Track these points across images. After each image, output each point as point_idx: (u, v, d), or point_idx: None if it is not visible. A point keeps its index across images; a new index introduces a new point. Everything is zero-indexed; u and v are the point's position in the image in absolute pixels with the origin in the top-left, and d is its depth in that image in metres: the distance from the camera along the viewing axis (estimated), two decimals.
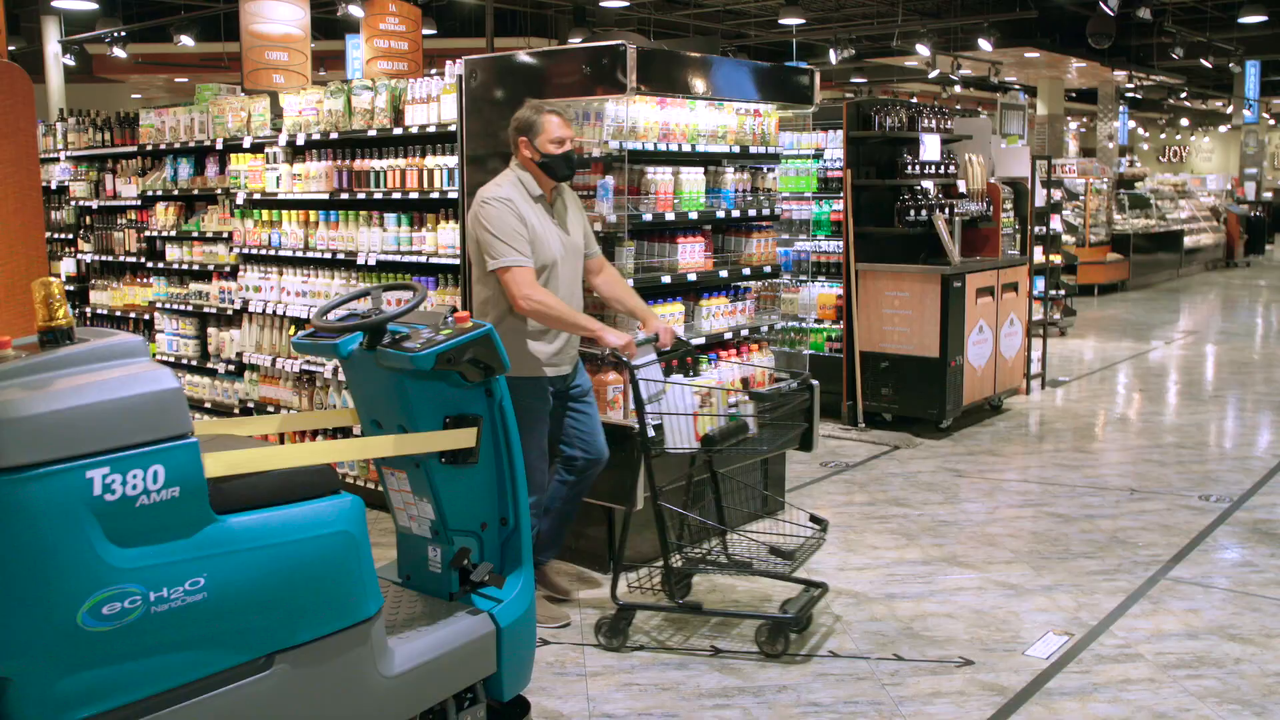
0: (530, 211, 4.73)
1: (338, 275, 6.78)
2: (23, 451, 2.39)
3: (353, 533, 3.00)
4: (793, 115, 6.88)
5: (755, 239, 6.30)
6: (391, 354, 3.37)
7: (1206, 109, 37.95)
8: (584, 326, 4.70)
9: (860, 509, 6.82)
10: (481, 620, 3.54)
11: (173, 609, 2.61)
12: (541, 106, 4.82)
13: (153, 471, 2.56)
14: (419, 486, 3.65)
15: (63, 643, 2.46)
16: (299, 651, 2.91)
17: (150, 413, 2.58)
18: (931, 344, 8.51)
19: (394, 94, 6.42)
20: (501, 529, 3.74)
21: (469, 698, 3.57)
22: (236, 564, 2.73)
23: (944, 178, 9.22)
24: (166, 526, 2.60)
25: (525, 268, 4.62)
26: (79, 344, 2.70)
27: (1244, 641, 4.84)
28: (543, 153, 4.76)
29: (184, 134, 8.08)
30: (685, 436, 4.89)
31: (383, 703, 3.19)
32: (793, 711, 4.23)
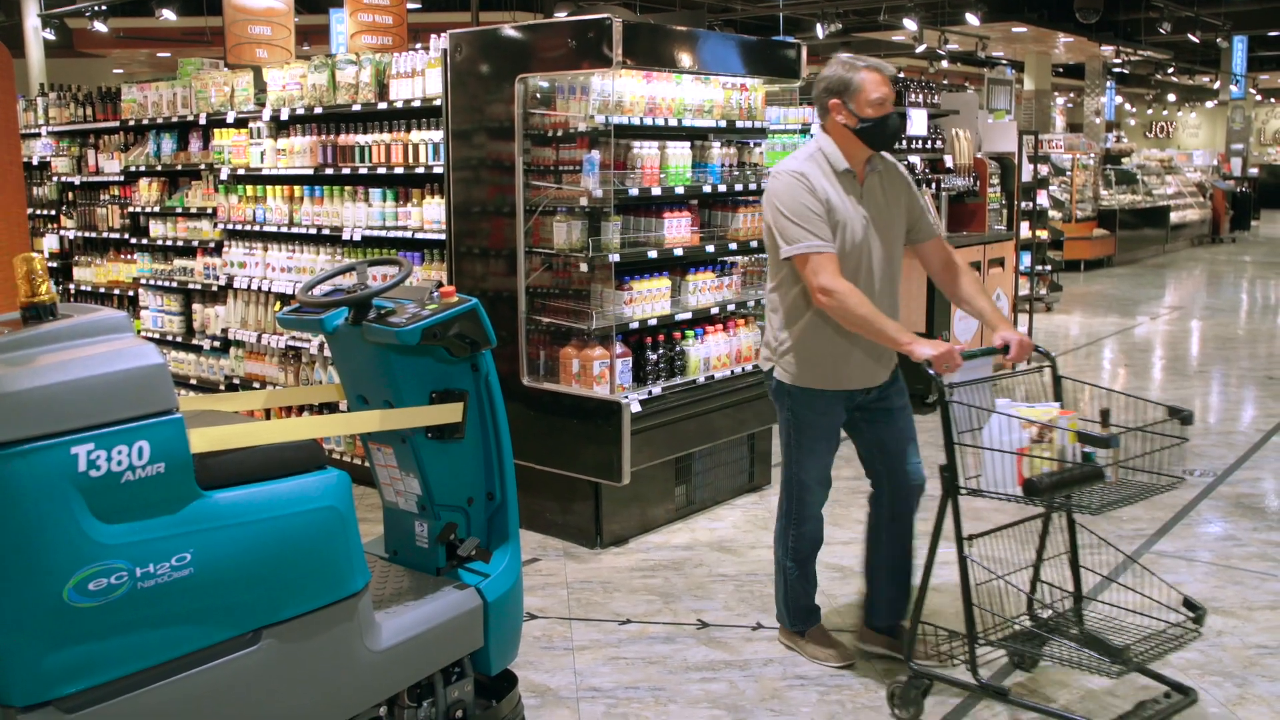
0: (831, 188, 4.00)
1: (323, 251, 6.76)
2: (6, 428, 2.38)
3: (339, 508, 3.00)
4: (779, 90, 6.86)
5: (742, 214, 6.29)
6: (377, 329, 3.36)
7: (1194, 84, 37.97)
8: (888, 334, 3.87)
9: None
10: (468, 595, 3.54)
11: (159, 584, 2.61)
12: (855, 62, 4.06)
13: (137, 447, 2.55)
14: (405, 462, 3.64)
15: (49, 618, 2.46)
16: (286, 626, 2.91)
17: (134, 388, 2.57)
18: (917, 319, 8.52)
19: (378, 68, 6.38)
20: (488, 504, 3.74)
21: (456, 672, 3.57)
22: (223, 539, 2.73)
23: (930, 153, 9.21)
24: (152, 502, 2.59)
25: (825, 254, 3.90)
26: (62, 320, 2.68)
27: (1226, 614, 4.87)
28: (860, 116, 4.01)
29: (167, 109, 8.02)
30: (1004, 478, 3.91)
31: (370, 677, 3.20)
32: (779, 685, 4.25)
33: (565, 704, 4.12)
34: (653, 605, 4.99)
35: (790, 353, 4.18)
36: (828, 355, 4.12)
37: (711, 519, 6.15)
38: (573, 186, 5.54)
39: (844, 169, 4.04)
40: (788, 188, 3.97)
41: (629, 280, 5.64)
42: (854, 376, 4.17)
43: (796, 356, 4.16)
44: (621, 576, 5.33)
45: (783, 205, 3.97)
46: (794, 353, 4.17)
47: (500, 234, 5.77)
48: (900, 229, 4.22)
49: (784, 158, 4.20)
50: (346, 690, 3.13)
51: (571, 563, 5.52)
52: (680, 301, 5.99)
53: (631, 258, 5.61)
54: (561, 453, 5.65)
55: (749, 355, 6.30)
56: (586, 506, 5.70)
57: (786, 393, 4.23)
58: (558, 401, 5.63)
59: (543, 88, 5.69)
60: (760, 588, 5.18)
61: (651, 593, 5.13)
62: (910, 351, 3.82)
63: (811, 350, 4.14)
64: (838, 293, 3.85)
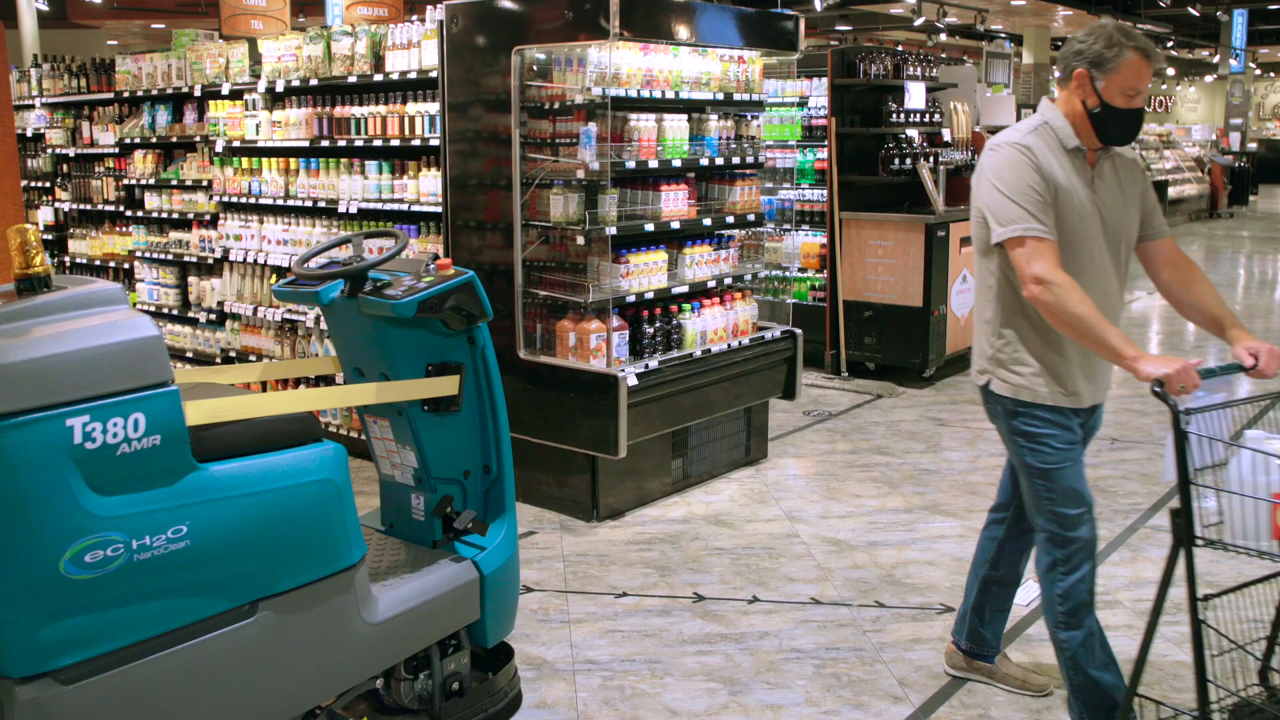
0: (1058, 167, 3.42)
1: (319, 223, 6.73)
2: (2, 399, 2.37)
3: (335, 480, 2.99)
4: (777, 62, 6.84)
5: (739, 187, 6.27)
6: (373, 301, 3.34)
7: (1193, 58, 37.83)
8: (1110, 343, 3.25)
9: (843, 457, 6.85)
10: (465, 568, 3.54)
11: (155, 557, 2.61)
12: (1124, 37, 3.39)
13: (133, 419, 2.54)
14: (402, 434, 3.64)
15: (46, 590, 2.46)
16: (282, 599, 2.91)
17: (130, 361, 2.55)
18: (915, 293, 8.51)
19: (374, 40, 6.34)
20: (484, 477, 3.74)
21: (453, 644, 3.58)
22: (219, 512, 2.72)
23: (929, 126, 9.18)
24: (148, 475, 2.59)
25: (1045, 240, 3.32)
26: (57, 292, 2.67)
27: (1221, 588, 4.88)
28: (1104, 100, 3.40)
29: (161, 81, 7.97)
30: (1255, 529, 3.27)
31: (367, 649, 3.20)
32: (775, 658, 4.26)
33: (561, 677, 4.14)
34: (649, 578, 5.00)
35: (1012, 361, 3.54)
36: (1059, 363, 3.50)
37: (708, 493, 6.16)
38: (569, 159, 5.51)
39: (1074, 146, 3.46)
40: (1010, 162, 3.40)
41: (626, 253, 5.62)
42: (1085, 389, 3.53)
43: (1020, 364, 3.52)
44: (618, 550, 5.34)
45: (1002, 181, 3.39)
46: (1017, 360, 3.53)
47: (496, 207, 5.75)
48: (1134, 224, 3.60)
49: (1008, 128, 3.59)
50: (343, 662, 3.13)
51: (568, 536, 5.53)
52: (677, 275, 5.97)
53: (628, 231, 5.60)
54: (558, 426, 5.65)
55: (745, 329, 6.30)
56: (583, 480, 5.71)
57: (1010, 411, 3.57)
58: (554, 375, 5.63)
59: (539, 60, 5.66)
60: (756, 561, 5.19)
61: (648, 566, 5.14)
62: (1135, 369, 3.20)
63: (1039, 357, 3.51)
64: (1055, 284, 3.25)
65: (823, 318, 8.97)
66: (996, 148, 3.47)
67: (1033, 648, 4.34)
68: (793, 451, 6.96)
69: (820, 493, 6.16)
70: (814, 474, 6.52)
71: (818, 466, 6.66)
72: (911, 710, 3.89)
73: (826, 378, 8.93)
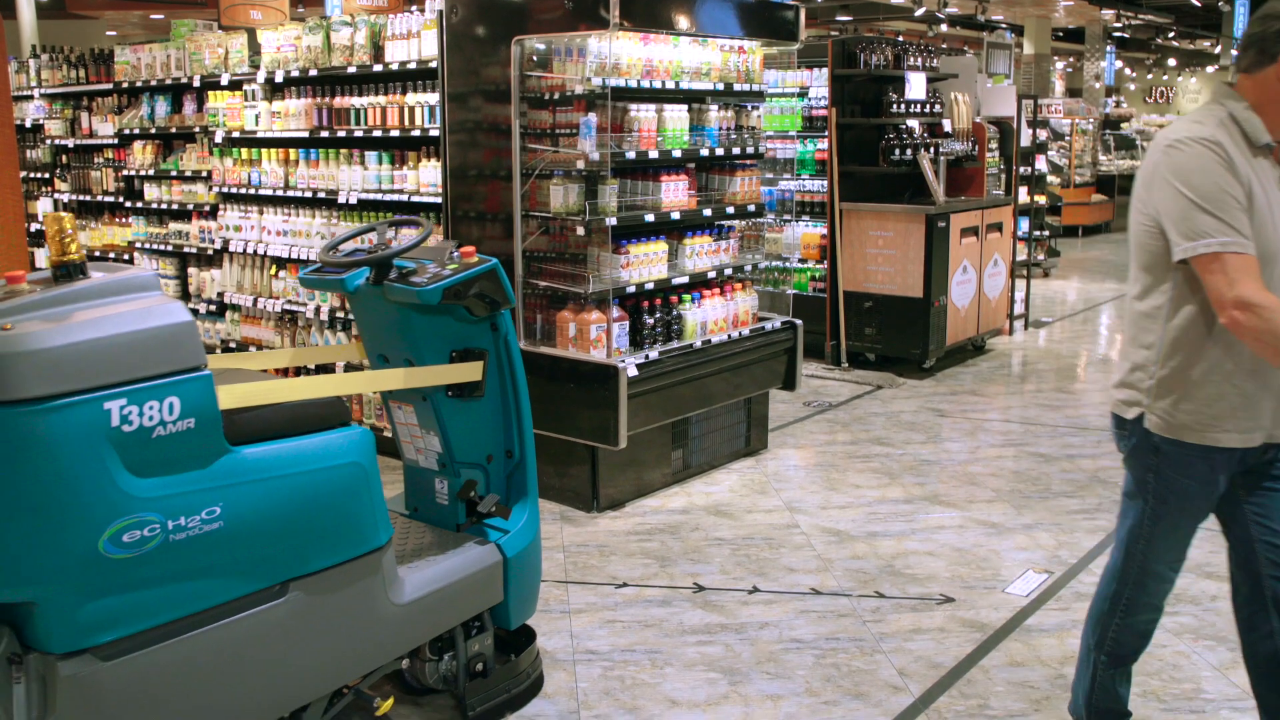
0: (1247, 168, 2.89)
1: (318, 214, 6.72)
2: (42, 383, 2.42)
3: (363, 463, 3.05)
4: (777, 52, 6.83)
5: (739, 177, 6.26)
6: (398, 288, 3.40)
7: (1194, 49, 37.74)
8: None
9: (843, 448, 6.85)
10: (489, 550, 3.62)
11: (190, 537, 2.67)
12: None
13: (168, 403, 2.60)
14: (426, 419, 3.71)
15: (86, 569, 2.52)
16: (312, 579, 2.98)
17: (165, 345, 2.61)
18: (915, 284, 8.51)
19: (374, 30, 6.32)
20: (507, 461, 3.81)
21: (477, 626, 3.66)
22: (251, 494, 2.78)
23: (929, 117, 9.16)
24: (183, 457, 2.65)
25: (1246, 255, 2.81)
26: (92, 278, 2.72)
27: (1220, 579, 4.89)
28: None
29: (160, 71, 7.96)
30: None
31: (393, 630, 3.26)
32: (775, 648, 4.27)
33: (562, 666, 4.14)
34: (649, 569, 5.01)
35: (1174, 394, 3.03)
36: (1231, 399, 2.99)
37: (708, 483, 6.16)
38: (569, 149, 5.50)
39: (1263, 143, 2.94)
40: (1199, 161, 2.87)
41: (626, 244, 5.62)
42: (1259, 427, 3.02)
43: (1184, 399, 3.02)
44: (618, 540, 5.35)
45: (1189, 185, 2.87)
46: (1180, 394, 3.03)
47: (497, 197, 5.74)
48: None
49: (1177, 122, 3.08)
50: (370, 642, 3.21)
51: (568, 526, 5.53)
52: (677, 265, 5.97)
53: (628, 221, 5.59)
54: (558, 417, 5.65)
55: (746, 319, 6.29)
56: (583, 470, 5.71)
57: (1154, 449, 3.10)
58: (554, 365, 5.63)
59: (539, 50, 5.64)
60: (756, 551, 5.20)
61: (648, 556, 5.15)
62: None
63: (1209, 392, 3.00)
64: (1263, 308, 2.75)
65: (823, 308, 8.96)
66: (1180, 144, 2.92)
67: (1032, 638, 4.34)
68: (793, 442, 6.96)
69: (820, 483, 6.17)
70: (814, 464, 6.52)
71: (818, 457, 6.66)
72: (911, 700, 3.90)
73: (826, 368, 8.92)
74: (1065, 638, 4.34)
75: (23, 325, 2.47)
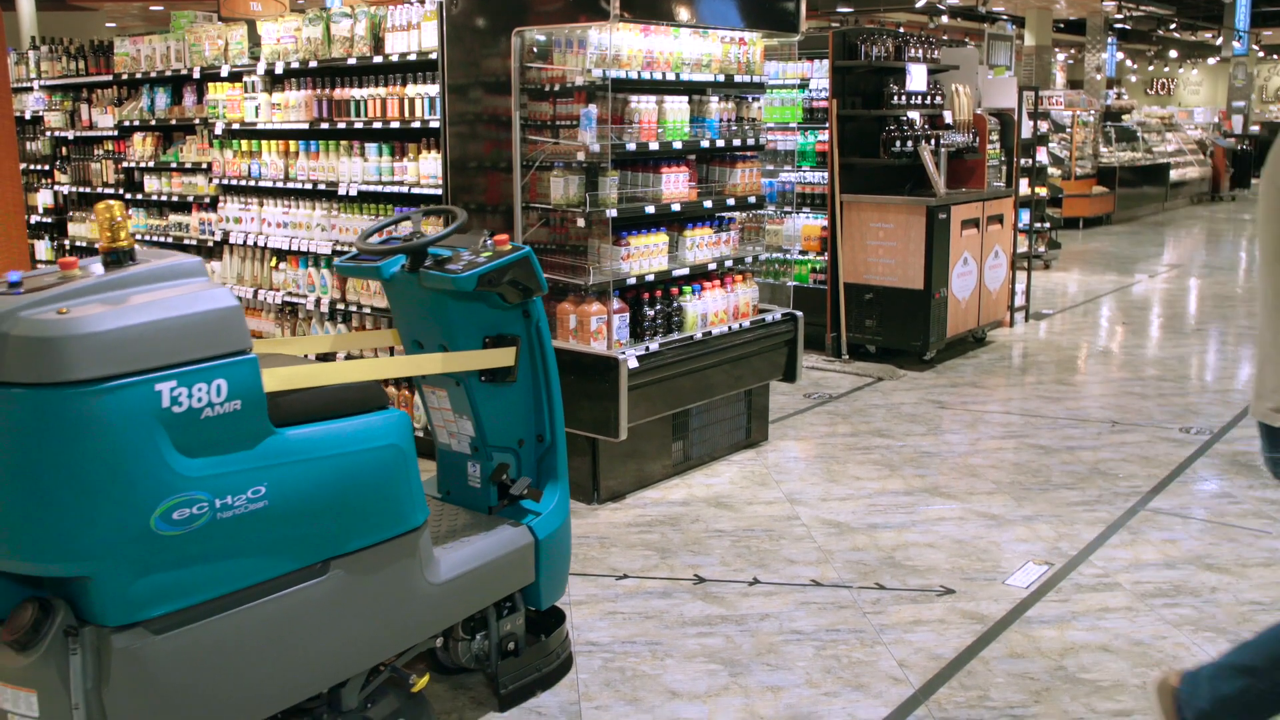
0: None
1: (319, 206, 6.72)
2: (97, 365, 2.50)
3: (401, 446, 3.13)
4: (778, 44, 6.80)
5: (740, 169, 6.25)
6: (434, 276, 3.48)
7: (1195, 40, 37.68)
8: None
9: (843, 440, 6.85)
10: (521, 532, 3.69)
11: (236, 516, 2.75)
12: None
13: (216, 385, 2.68)
14: (459, 404, 3.79)
15: (138, 545, 2.60)
16: (352, 558, 3.06)
17: (213, 329, 2.69)
18: (916, 276, 8.50)
19: (374, 21, 6.31)
20: (538, 446, 3.89)
21: (508, 606, 3.75)
22: (294, 474, 2.86)
23: (930, 108, 9.15)
24: (229, 438, 2.73)
25: None
26: (141, 264, 2.79)
27: (1220, 571, 4.90)
28: None
29: (160, 63, 7.94)
30: None
31: (429, 608, 3.35)
32: (775, 639, 4.27)
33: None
34: (649, 560, 5.01)
35: None
36: None
37: (708, 475, 6.17)
38: (570, 141, 5.50)
39: None
40: None
41: (626, 236, 5.61)
42: None
43: None
44: (618, 532, 5.35)
45: None
46: None
47: (497, 189, 5.73)
48: None
49: None
50: (407, 621, 3.30)
51: None
52: (678, 257, 5.96)
53: (629, 213, 5.58)
54: None
55: (746, 311, 6.29)
56: (583, 462, 5.71)
57: None
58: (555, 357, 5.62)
59: (539, 41, 5.63)
60: (757, 543, 5.20)
61: (648, 548, 5.15)
62: None
63: None
64: None
65: (823, 300, 8.96)
66: None
67: (1032, 630, 4.35)
68: (793, 434, 6.96)
69: (820, 475, 6.17)
70: (814, 456, 6.52)
71: (818, 449, 6.66)
72: (911, 691, 3.90)
73: (827, 360, 8.92)
74: (1065, 629, 4.34)
75: (77, 310, 2.55)
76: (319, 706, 3.23)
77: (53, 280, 2.67)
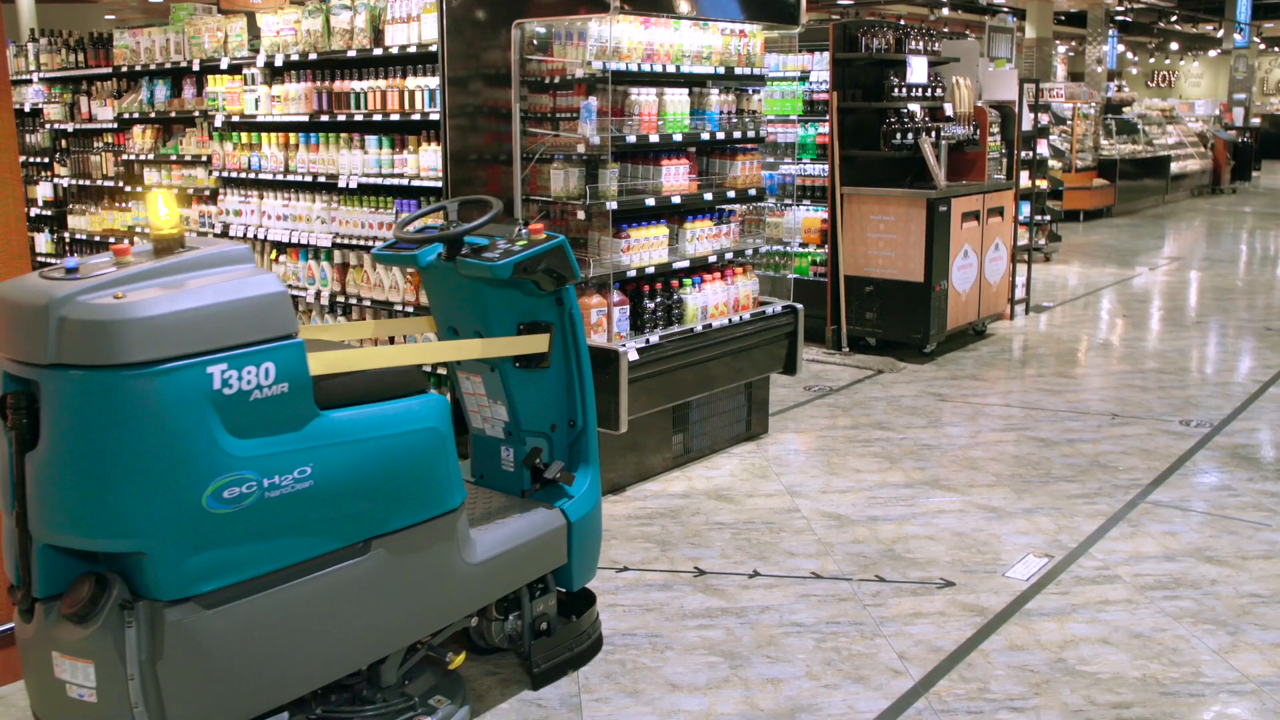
0: None
1: (319, 198, 6.71)
2: (151, 348, 2.59)
3: (440, 429, 3.21)
4: (778, 36, 6.81)
5: (740, 161, 6.24)
6: (471, 263, 3.57)
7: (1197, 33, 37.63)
8: None
9: (843, 432, 6.85)
10: (554, 515, 3.78)
11: (284, 495, 2.83)
12: None
13: (265, 368, 2.76)
14: (493, 389, 3.89)
15: (190, 523, 2.70)
16: (393, 538, 3.14)
17: (261, 314, 2.77)
18: (916, 268, 8.50)
19: (373, 13, 6.30)
20: (569, 430, 3.96)
21: (540, 587, 3.84)
22: (339, 455, 2.95)
23: (931, 101, 9.14)
24: (277, 419, 2.81)
25: None
26: (190, 251, 2.87)
27: (1220, 563, 4.90)
28: None
29: (160, 55, 7.93)
30: None
31: (466, 588, 3.44)
32: (775, 632, 4.28)
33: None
34: (650, 553, 5.01)
35: None
36: None
37: (709, 467, 6.17)
38: (570, 134, 5.49)
39: None
40: None
41: (626, 228, 5.61)
42: None
43: None
44: (619, 524, 5.35)
45: None
46: None
47: (497, 182, 5.73)
48: None
49: None
50: (445, 599, 3.39)
51: None
52: (678, 250, 5.96)
53: (629, 205, 5.58)
54: None
55: (746, 304, 6.28)
56: None
57: None
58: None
59: (540, 33, 5.63)
60: (757, 536, 5.20)
61: (649, 540, 5.15)
62: None
63: None
64: None
65: (823, 293, 8.95)
66: None
67: (1032, 622, 4.35)
68: (793, 426, 6.96)
69: (821, 468, 6.17)
70: (815, 449, 6.53)
71: (818, 441, 6.66)
72: (911, 683, 3.91)
73: (827, 353, 8.92)
74: (1065, 622, 4.34)
75: (133, 295, 2.64)
76: (359, 682, 3.33)
77: (107, 267, 2.75)
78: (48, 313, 2.59)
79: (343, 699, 3.32)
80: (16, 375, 2.67)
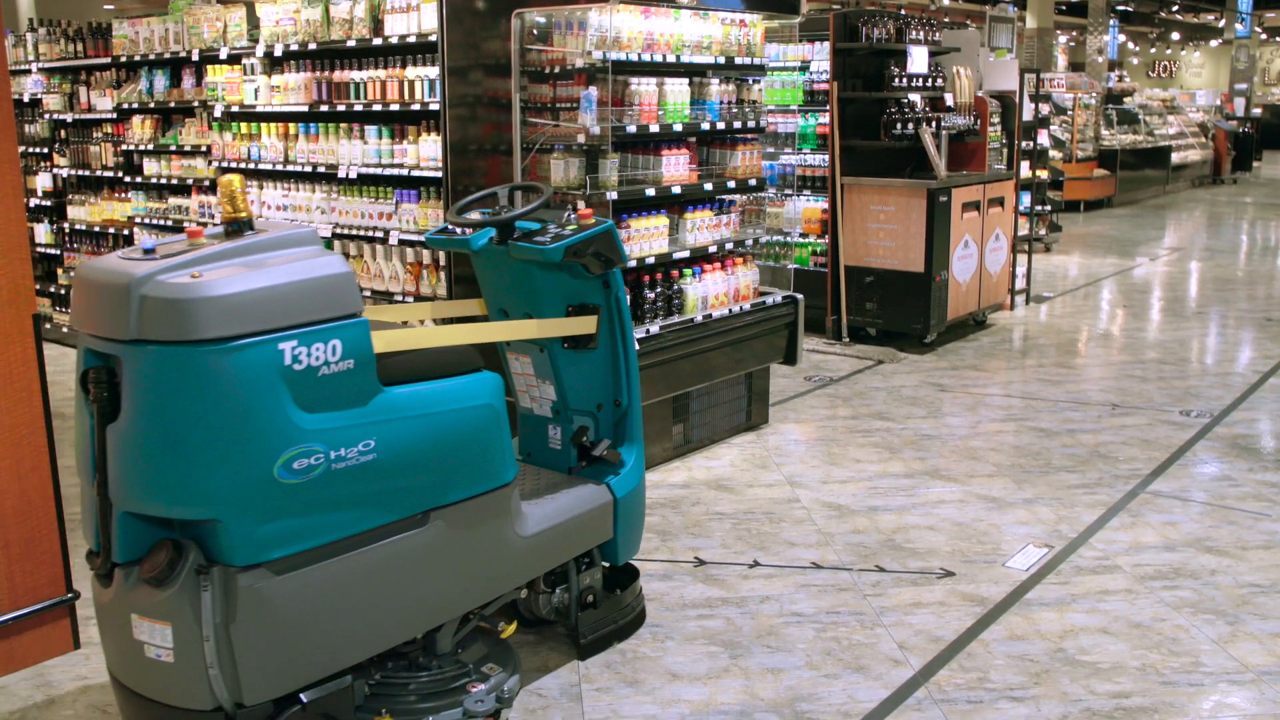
0: None
1: (318, 188, 6.70)
2: (227, 325, 2.71)
3: (495, 406, 3.33)
4: (779, 26, 6.79)
5: (740, 152, 6.23)
6: (523, 247, 3.68)
7: (1198, 22, 37.56)
8: None
9: (844, 423, 6.85)
10: (600, 491, 3.93)
11: (349, 467, 2.95)
12: None
13: (332, 345, 2.88)
14: (542, 370, 4.01)
15: (262, 492, 2.82)
16: (450, 510, 3.27)
17: (329, 293, 2.89)
18: (917, 259, 8.49)
19: (373, 3, 6.27)
20: (615, 410, 4.07)
21: (587, 561, 3.98)
22: (400, 430, 3.06)
23: (931, 91, 9.12)
24: (343, 394, 2.93)
25: None
26: (259, 233, 2.98)
27: (1220, 554, 4.91)
28: None
29: (159, 45, 7.92)
30: None
31: (518, 560, 3.57)
32: (775, 622, 4.28)
33: (563, 641, 4.15)
34: (650, 543, 5.02)
35: None
36: None
37: (709, 458, 6.17)
38: (570, 124, 5.48)
39: None
40: None
41: (627, 218, 5.60)
42: None
43: None
44: None
45: None
46: None
47: (497, 172, 5.72)
48: None
49: None
50: (498, 570, 3.52)
51: None
52: (678, 240, 5.95)
53: (629, 195, 5.57)
54: None
55: (747, 294, 6.28)
56: None
57: None
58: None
59: (540, 23, 5.61)
60: (757, 526, 5.21)
61: (649, 530, 5.15)
62: None
63: None
64: None
65: (824, 283, 8.95)
66: None
67: (1031, 612, 4.36)
68: (794, 417, 6.96)
69: (821, 458, 6.17)
70: (815, 439, 6.53)
71: (819, 432, 6.66)
72: (911, 673, 3.91)
73: (827, 343, 8.92)
74: (1065, 612, 4.35)
75: (208, 274, 2.75)
76: (414, 650, 3.45)
77: (182, 248, 2.88)
78: (129, 291, 2.70)
79: (400, 665, 3.44)
80: (98, 351, 2.79)
